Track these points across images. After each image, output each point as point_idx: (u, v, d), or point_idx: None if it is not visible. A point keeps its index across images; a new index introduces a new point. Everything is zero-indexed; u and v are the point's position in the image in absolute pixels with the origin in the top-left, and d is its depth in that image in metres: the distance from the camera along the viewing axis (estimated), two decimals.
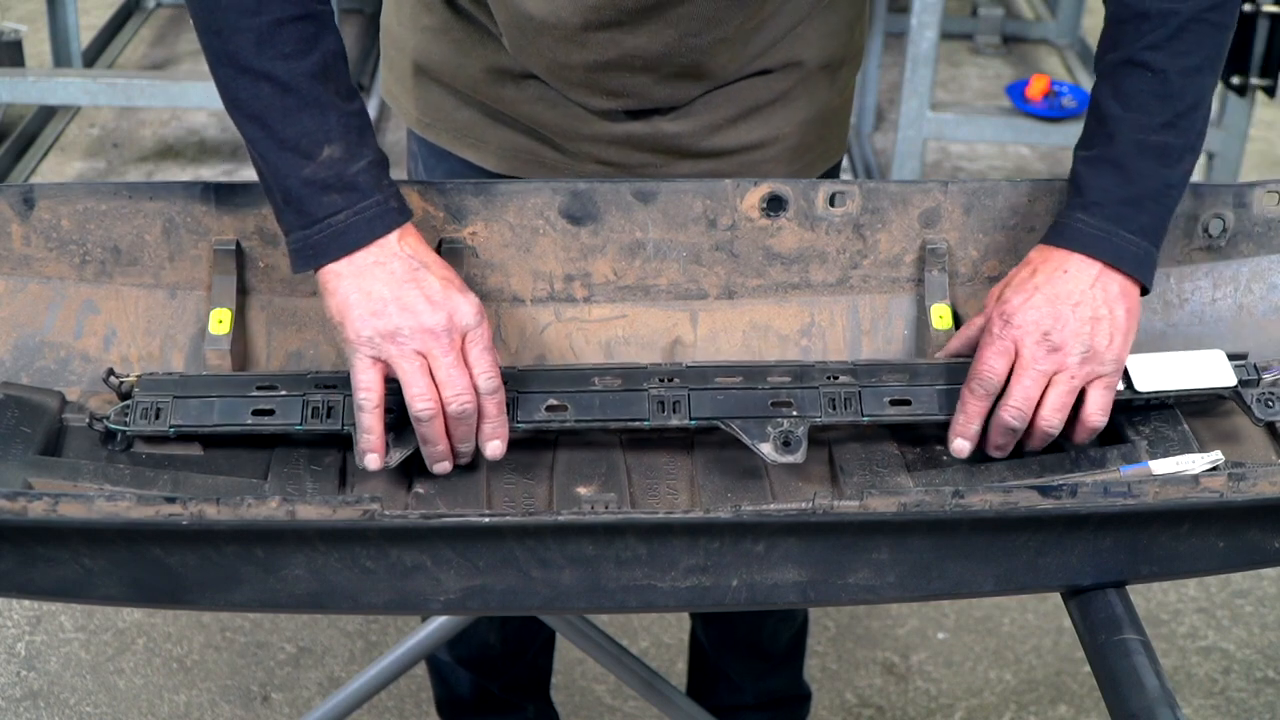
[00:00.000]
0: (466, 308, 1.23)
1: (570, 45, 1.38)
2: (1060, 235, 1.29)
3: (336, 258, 1.22)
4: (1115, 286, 1.26)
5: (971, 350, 1.31)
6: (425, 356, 1.21)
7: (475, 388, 1.22)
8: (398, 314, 1.20)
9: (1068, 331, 1.25)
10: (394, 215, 1.23)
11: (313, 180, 1.21)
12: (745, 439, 1.25)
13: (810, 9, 1.44)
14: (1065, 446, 1.31)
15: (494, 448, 1.25)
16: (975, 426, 1.27)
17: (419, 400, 1.21)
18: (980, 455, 1.31)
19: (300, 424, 1.26)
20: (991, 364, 1.26)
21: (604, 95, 1.43)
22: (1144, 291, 1.29)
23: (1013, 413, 1.25)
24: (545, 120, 1.48)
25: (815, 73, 1.48)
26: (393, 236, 1.23)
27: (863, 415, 1.29)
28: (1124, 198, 1.27)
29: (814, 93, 1.49)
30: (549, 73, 1.43)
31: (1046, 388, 1.25)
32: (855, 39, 1.53)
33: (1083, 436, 1.28)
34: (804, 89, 1.48)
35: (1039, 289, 1.26)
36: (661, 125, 1.46)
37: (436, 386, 1.21)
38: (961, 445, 1.28)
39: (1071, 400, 1.26)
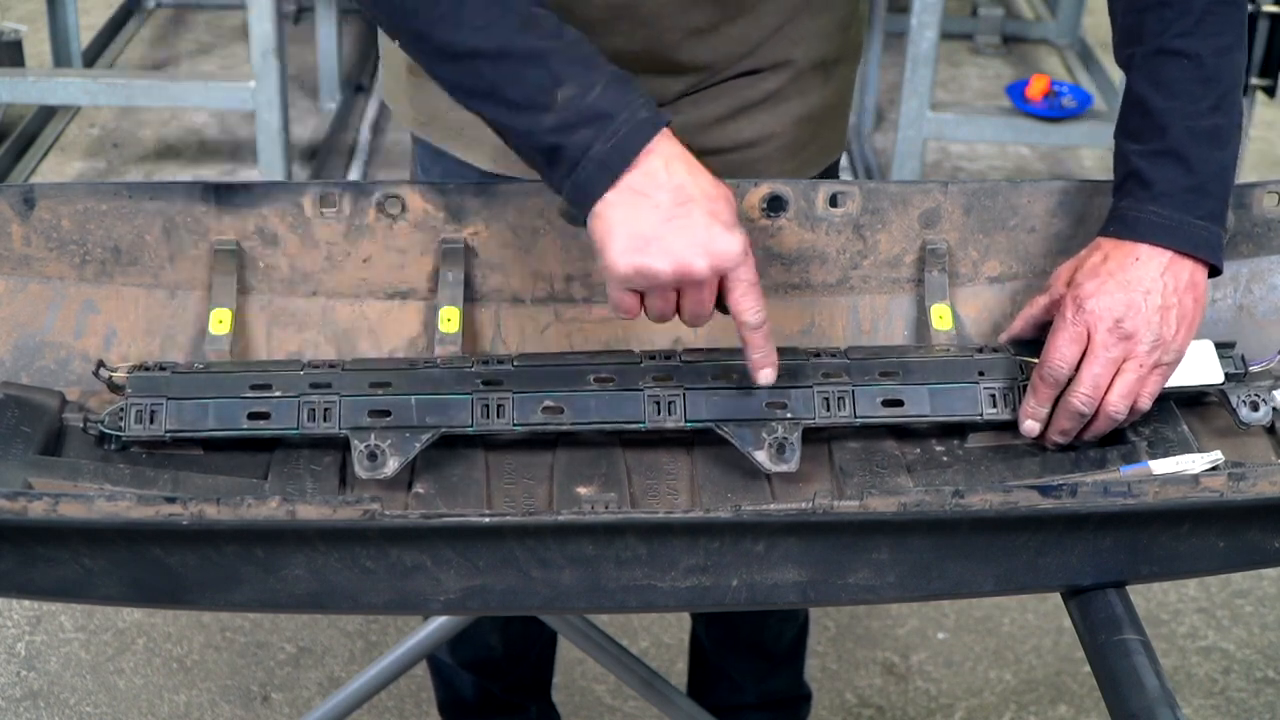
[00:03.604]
0: (731, 248, 1.19)
1: None
2: (1130, 228, 1.28)
3: (607, 188, 1.18)
4: (1185, 274, 1.27)
5: (1035, 331, 1.33)
6: (679, 292, 1.21)
7: (742, 323, 1.22)
8: (659, 257, 1.17)
9: (1140, 319, 1.25)
10: (646, 125, 1.19)
11: (559, 127, 1.18)
12: (740, 446, 1.26)
13: (798, 9, 1.44)
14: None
15: (765, 375, 1.25)
16: (1045, 410, 1.29)
17: (657, 319, 1.22)
18: (984, 453, 1.31)
19: (296, 428, 1.26)
20: (1063, 351, 1.27)
21: None
22: (1215, 273, 1.29)
23: (1083, 399, 1.26)
24: None
25: (807, 71, 1.48)
26: (656, 157, 1.18)
27: (856, 417, 1.29)
28: (1188, 186, 1.27)
29: (807, 91, 1.49)
30: None
31: (1114, 374, 1.26)
32: (851, 37, 1.52)
33: (1129, 419, 1.29)
34: (796, 88, 1.48)
35: (1112, 275, 1.27)
36: None
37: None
38: (1032, 426, 1.30)
39: (1139, 388, 1.27)
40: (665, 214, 1.18)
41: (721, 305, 1.22)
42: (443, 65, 1.22)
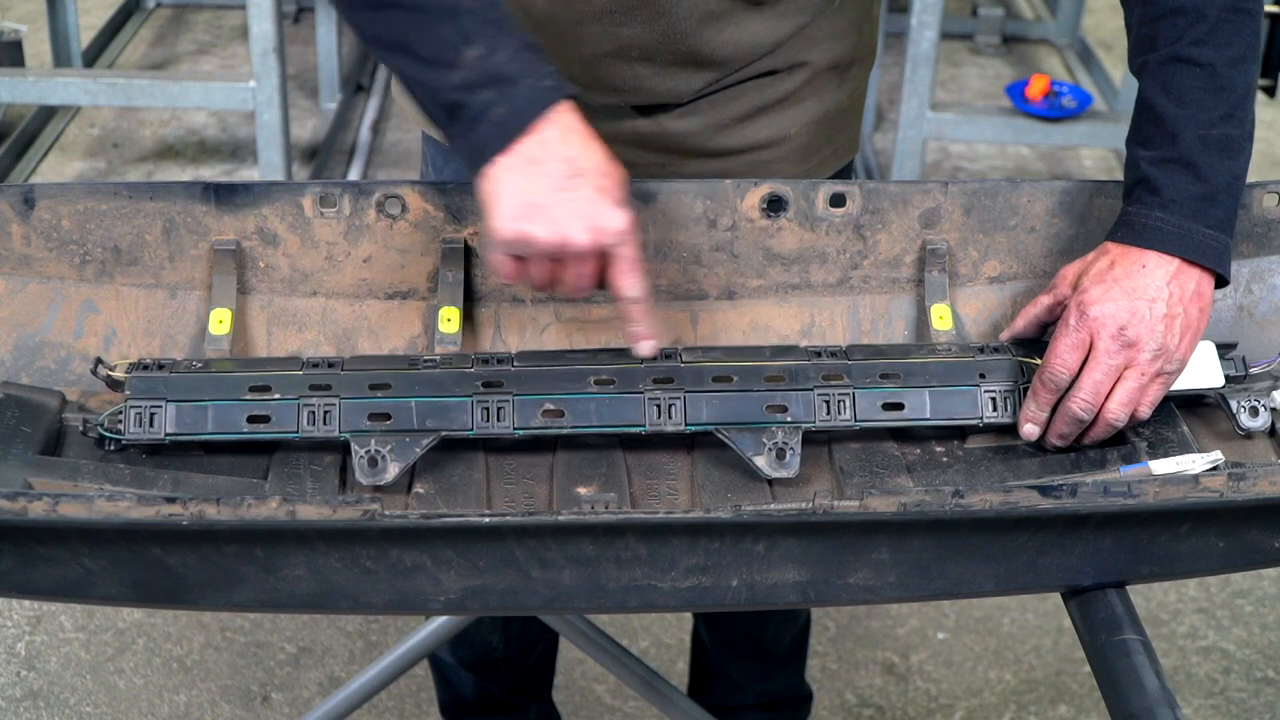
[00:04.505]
0: (614, 224, 1.20)
1: (567, 39, 1.39)
2: (1139, 234, 1.28)
3: (500, 150, 1.19)
4: (1191, 284, 1.27)
5: (1037, 330, 1.33)
6: (558, 263, 1.22)
7: (623, 297, 1.23)
8: (543, 225, 1.19)
9: (1143, 327, 1.25)
10: (548, 94, 1.20)
11: (463, 84, 1.19)
12: (740, 451, 1.26)
13: (815, 13, 1.44)
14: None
15: (644, 346, 1.27)
16: (1045, 414, 1.29)
17: (536, 287, 1.25)
18: (984, 453, 1.31)
19: (296, 432, 1.26)
20: (1065, 358, 1.27)
21: (606, 90, 1.43)
22: (1222, 283, 1.29)
23: (1082, 404, 1.26)
24: None
25: (823, 73, 1.48)
26: (554, 127, 1.19)
27: (856, 420, 1.29)
28: (1198, 195, 1.27)
29: (822, 93, 1.49)
30: None
31: (1115, 381, 1.26)
32: (864, 39, 1.52)
33: (1129, 424, 1.29)
34: (811, 90, 1.48)
35: (1117, 282, 1.26)
36: (667, 124, 1.46)
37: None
38: (1031, 430, 1.30)
39: (1140, 396, 1.27)
40: (555, 183, 1.19)
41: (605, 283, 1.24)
42: (361, 12, 1.23)
